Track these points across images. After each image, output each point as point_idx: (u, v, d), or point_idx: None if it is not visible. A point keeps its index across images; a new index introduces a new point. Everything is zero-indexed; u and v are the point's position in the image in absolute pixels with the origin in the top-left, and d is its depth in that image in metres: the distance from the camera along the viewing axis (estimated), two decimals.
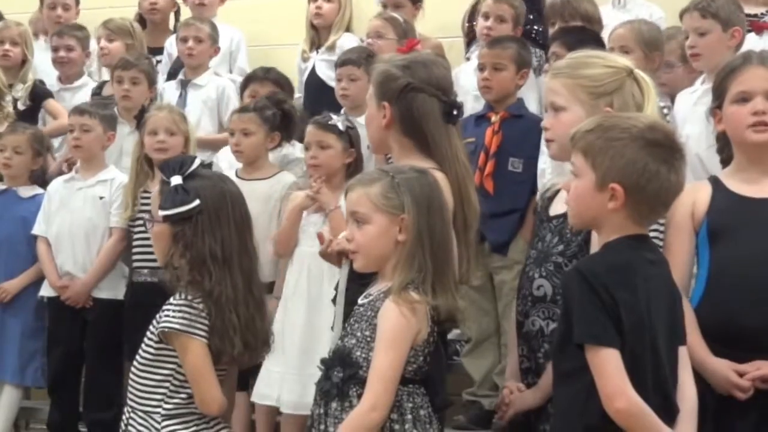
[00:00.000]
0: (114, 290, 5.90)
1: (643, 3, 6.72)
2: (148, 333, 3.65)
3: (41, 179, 6.30)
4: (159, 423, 3.60)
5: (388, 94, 3.78)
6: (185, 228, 3.61)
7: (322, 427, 3.41)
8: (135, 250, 5.79)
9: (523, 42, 6.01)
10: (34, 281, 6.06)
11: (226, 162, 6.05)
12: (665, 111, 5.21)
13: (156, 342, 3.61)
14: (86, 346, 5.94)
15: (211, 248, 3.60)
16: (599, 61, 3.51)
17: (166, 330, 3.55)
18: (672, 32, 5.80)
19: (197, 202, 3.61)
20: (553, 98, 3.49)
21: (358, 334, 3.39)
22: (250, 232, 3.76)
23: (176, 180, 3.65)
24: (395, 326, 3.28)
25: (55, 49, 7.17)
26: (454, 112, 3.81)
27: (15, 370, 6.04)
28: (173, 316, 3.56)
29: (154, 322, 3.63)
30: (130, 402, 3.68)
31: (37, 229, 6.02)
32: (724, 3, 5.17)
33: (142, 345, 3.66)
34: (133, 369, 3.68)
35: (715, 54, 4.98)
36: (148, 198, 5.67)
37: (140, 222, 5.73)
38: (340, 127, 5.23)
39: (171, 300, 3.61)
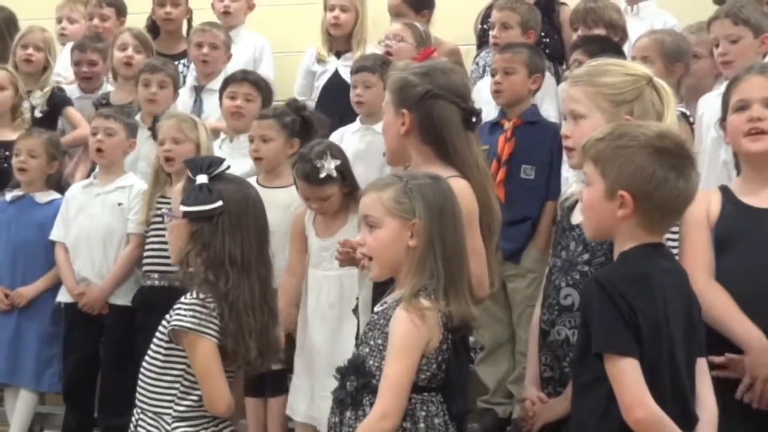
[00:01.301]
0: (129, 297, 5.89)
1: (656, 11, 6.73)
2: (157, 333, 3.64)
3: (58, 184, 6.31)
4: (169, 424, 3.60)
5: (408, 101, 3.78)
6: (204, 227, 3.60)
7: None
8: (146, 254, 5.80)
9: (535, 48, 6.01)
10: (50, 287, 6.06)
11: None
12: (688, 114, 5.22)
13: (166, 342, 3.60)
14: (102, 352, 5.93)
15: (230, 251, 3.59)
16: (619, 69, 3.50)
17: (176, 328, 3.54)
18: (704, 24, 5.79)
19: (220, 203, 3.61)
20: (573, 106, 3.48)
21: (371, 342, 3.40)
22: (267, 241, 3.76)
23: (202, 179, 3.64)
24: (405, 334, 3.27)
25: (77, 63, 7.18)
26: (473, 119, 3.82)
27: (32, 376, 6.03)
28: (184, 315, 3.55)
29: (164, 322, 3.62)
30: (139, 403, 3.67)
31: (54, 235, 6.02)
32: (752, 10, 5.20)
33: (152, 346, 3.65)
34: (142, 370, 3.67)
35: (747, 61, 4.96)
36: (164, 203, 5.67)
37: (153, 227, 5.75)
38: (332, 174, 5.07)
39: (182, 299, 3.60)
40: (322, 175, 5.06)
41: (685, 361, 3.08)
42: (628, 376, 2.96)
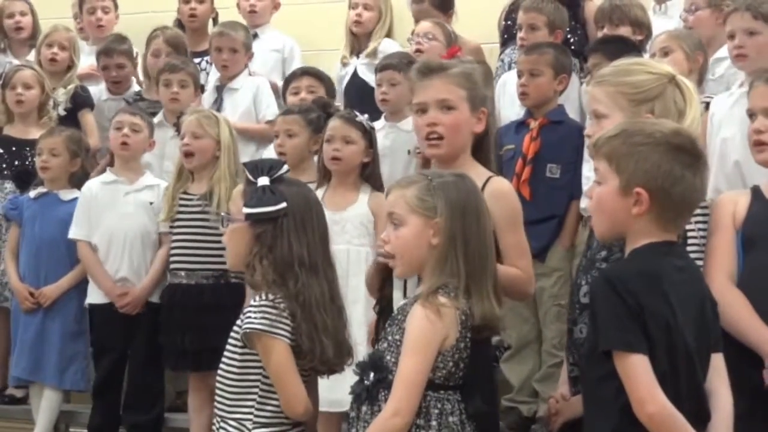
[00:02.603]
0: (156, 295, 5.86)
1: None
2: (230, 340, 3.59)
3: (82, 182, 6.28)
4: (250, 431, 3.54)
5: (484, 100, 3.84)
6: (267, 229, 3.56)
7: (354, 430, 3.43)
8: (173, 251, 5.76)
9: (561, 48, 5.99)
10: (74, 285, 6.06)
11: None
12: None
13: (240, 347, 3.54)
14: (132, 350, 5.91)
15: (297, 252, 3.55)
16: (641, 68, 3.49)
17: (248, 331, 3.49)
18: None
19: (284, 204, 3.56)
20: (595, 106, 3.49)
21: (389, 338, 3.39)
22: (329, 244, 3.74)
23: (264, 181, 3.59)
24: (420, 330, 3.27)
25: (104, 68, 7.19)
26: None
27: (55, 374, 6.03)
28: (254, 317, 3.49)
29: (236, 327, 3.57)
30: (219, 411, 3.60)
31: (75, 233, 5.98)
32: None
33: (225, 353, 3.60)
34: (219, 377, 3.61)
35: (762, 56, 4.98)
36: (187, 200, 5.74)
37: (178, 224, 5.75)
38: (365, 125, 5.20)
39: (251, 302, 3.55)
40: (357, 118, 5.19)
41: (698, 358, 3.07)
42: (638, 372, 2.94)
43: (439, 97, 3.84)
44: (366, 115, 5.29)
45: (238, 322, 3.57)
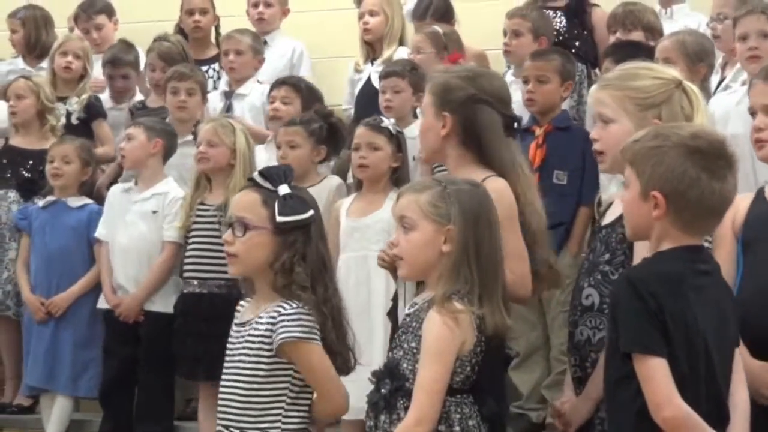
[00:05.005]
0: (166, 304, 5.87)
1: (689, 13, 6.72)
2: (246, 350, 3.53)
3: (90, 190, 6.36)
4: None
5: (451, 104, 3.81)
6: (297, 236, 3.54)
7: None
8: (187, 260, 5.78)
9: (567, 54, 6.02)
10: (85, 292, 6.10)
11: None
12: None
13: (268, 357, 3.49)
14: (141, 359, 5.91)
15: (325, 259, 3.58)
16: (648, 72, 3.50)
17: (288, 340, 3.45)
18: None
19: (312, 212, 3.57)
20: (601, 110, 3.50)
21: (405, 345, 3.39)
22: None
23: (285, 189, 3.57)
24: (439, 338, 3.26)
25: (110, 77, 7.25)
26: (515, 125, 3.89)
27: (67, 381, 6.06)
28: (290, 326, 3.45)
29: (251, 338, 3.52)
30: (237, 423, 3.53)
31: (98, 232, 6.04)
32: None
33: (243, 364, 3.53)
34: (237, 390, 3.53)
35: None
36: (204, 211, 5.76)
37: (194, 233, 5.76)
38: (391, 130, 5.23)
39: (280, 310, 3.47)
40: (383, 124, 5.23)
41: (719, 360, 3.07)
42: (656, 376, 2.95)
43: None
44: (393, 120, 5.35)
45: (253, 332, 3.52)
